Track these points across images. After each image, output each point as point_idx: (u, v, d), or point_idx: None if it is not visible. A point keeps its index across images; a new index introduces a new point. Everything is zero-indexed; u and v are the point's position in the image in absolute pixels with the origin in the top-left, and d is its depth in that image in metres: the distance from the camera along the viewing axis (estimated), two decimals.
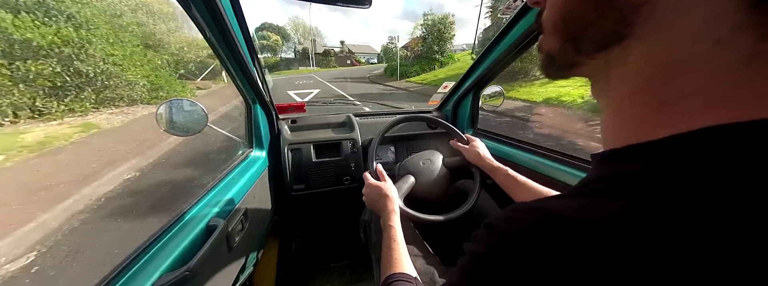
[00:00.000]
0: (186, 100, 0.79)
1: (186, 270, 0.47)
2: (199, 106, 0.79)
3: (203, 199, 0.67)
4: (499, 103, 1.22)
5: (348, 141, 1.15)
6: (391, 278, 0.48)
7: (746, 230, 0.13)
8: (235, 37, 0.65)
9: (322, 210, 1.29)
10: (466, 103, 1.31)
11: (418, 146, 1.34)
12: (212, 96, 8.78)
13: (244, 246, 0.80)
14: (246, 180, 0.82)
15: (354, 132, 1.18)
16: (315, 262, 1.38)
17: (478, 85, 1.20)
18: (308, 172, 1.10)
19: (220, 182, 0.77)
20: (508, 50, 0.93)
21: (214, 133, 0.88)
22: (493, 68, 1.07)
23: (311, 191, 1.11)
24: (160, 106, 0.76)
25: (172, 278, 0.45)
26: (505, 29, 0.88)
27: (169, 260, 0.48)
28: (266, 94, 0.98)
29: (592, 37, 0.21)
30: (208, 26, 0.60)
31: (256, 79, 0.86)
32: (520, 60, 8.33)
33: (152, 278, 0.45)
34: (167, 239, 0.53)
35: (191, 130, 0.79)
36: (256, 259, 0.96)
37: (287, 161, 1.07)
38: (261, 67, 0.90)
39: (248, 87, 0.89)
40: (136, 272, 0.45)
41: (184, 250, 0.52)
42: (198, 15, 0.56)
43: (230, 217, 0.69)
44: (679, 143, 0.17)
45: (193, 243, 0.54)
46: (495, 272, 0.19)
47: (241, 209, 0.75)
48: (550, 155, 0.90)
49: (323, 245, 1.43)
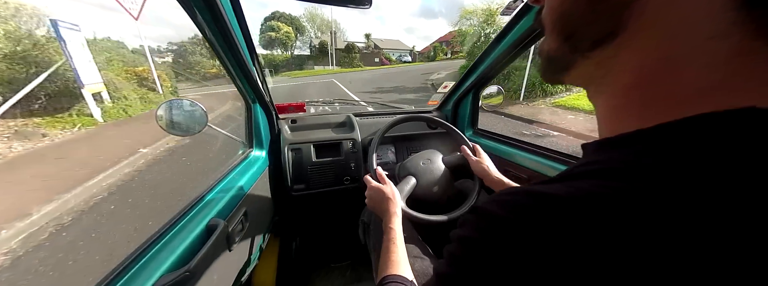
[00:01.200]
0: (186, 100, 0.79)
1: (186, 270, 0.46)
2: (199, 106, 0.80)
3: (203, 199, 0.67)
4: (499, 103, 1.22)
5: (348, 141, 1.15)
6: (386, 280, 0.48)
7: (716, 203, 0.14)
8: (235, 37, 0.65)
9: (322, 210, 1.29)
10: (466, 103, 1.31)
11: (418, 146, 1.33)
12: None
13: (244, 246, 0.80)
14: (246, 180, 0.82)
15: (354, 132, 1.18)
16: (315, 262, 1.38)
17: (478, 85, 1.20)
18: (308, 172, 1.10)
19: (220, 182, 0.77)
20: (508, 50, 0.93)
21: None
22: (493, 68, 1.07)
23: (311, 191, 1.11)
24: (160, 106, 0.76)
25: (173, 278, 0.45)
26: (505, 29, 0.88)
27: (169, 260, 0.48)
28: (266, 94, 0.98)
29: (587, 34, 0.21)
30: (208, 26, 0.60)
31: (256, 79, 0.86)
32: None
33: (152, 278, 0.44)
34: (167, 240, 0.53)
35: (191, 130, 0.80)
36: (256, 259, 0.96)
37: (287, 160, 1.07)
38: (261, 67, 0.90)
39: (248, 87, 0.88)
40: (136, 272, 0.45)
41: (184, 250, 0.52)
42: (198, 15, 0.56)
43: (230, 217, 0.69)
44: (665, 130, 0.18)
45: (193, 243, 0.54)
46: (485, 254, 0.19)
47: (241, 209, 0.75)
48: (550, 155, 0.90)
49: (323, 245, 1.43)
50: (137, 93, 6.27)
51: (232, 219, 0.69)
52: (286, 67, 30.41)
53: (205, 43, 0.66)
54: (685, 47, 0.17)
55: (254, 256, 0.90)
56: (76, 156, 3.59)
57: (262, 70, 0.91)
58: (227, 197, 0.71)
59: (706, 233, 0.14)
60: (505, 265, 0.18)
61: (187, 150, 4.07)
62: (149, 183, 3.11)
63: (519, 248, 0.18)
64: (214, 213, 0.63)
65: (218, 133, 0.93)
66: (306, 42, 37.92)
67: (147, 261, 0.47)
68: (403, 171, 0.93)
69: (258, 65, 0.86)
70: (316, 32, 38.02)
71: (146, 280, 0.44)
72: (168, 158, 3.82)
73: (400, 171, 0.97)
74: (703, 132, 0.16)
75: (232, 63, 0.74)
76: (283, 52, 34.57)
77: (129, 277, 0.44)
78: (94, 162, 3.29)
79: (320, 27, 38.31)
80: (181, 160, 3.80)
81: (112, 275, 0.44)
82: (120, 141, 4.12)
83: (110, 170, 3.14)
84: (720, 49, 0.16)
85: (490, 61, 1.03)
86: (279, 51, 34.46)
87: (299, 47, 37.71)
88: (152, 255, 0.49)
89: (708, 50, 0.16)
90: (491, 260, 0.19)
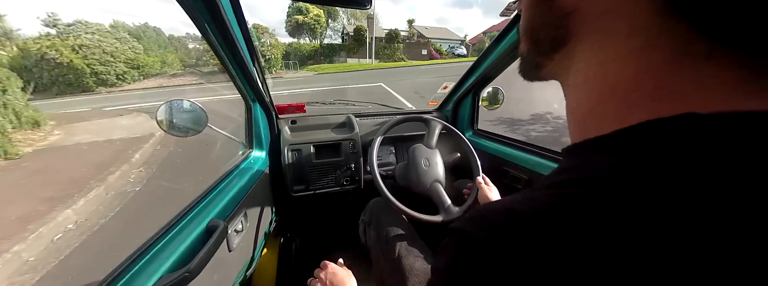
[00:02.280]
0: (186, 101, 0.79)
1: (186, 271, 0.46)
2: (198, 107, 0.80)
3: (203, 199, 0.67)
4: (499, 104, 1.22)
5: (348, 142, 1.15)
6: None
7: (665, 209, 0.14)
8: (235, 37, 0.65)
9: (322, 210, 1.29)
10: (466, 104, 1.31)
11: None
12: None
13: (244, 247, 0.80)
14: (246, 181, 0.82)
15: (354, 132, 1.18)
16: (315, 262, 1.38)
17: (477, 85, 1.20)
18: (308, 172, 1.10)
19: (220, 182, 0.77)
20: (508, 50, 0.93)
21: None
22: (493, 68, 1.07)
23: (311, 191, 1.11)
24: (159, 107, 0.76)
25: (173, 278, 0.45)
26: (505, 30, 0.88)
27: (169, 260, 0.48)
28: (266, 94, 0.98)
29: (546, 40, 0.23)
30: (209, 26, 0.60)
31: (256, 79, 0.86)
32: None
33: (153, 279, 0.44)
34: (167, 240, 0.53)
35: (191, 131, 0.80)
36: (256, 259, 0.96)
37: (287, 161, 1.07)
38: (261, 67, 0.90)
39: (248, 87, 0.88)
40: (136, 273, 0.45)
41: (185, 251, 0.52)
42: (198, 15, 0.56)
43: (230, 217, 0.69)
44: (619, 137, 0.19)
45: (193, 244, 0.54)
46: (466, 282, 0.18)
47: (241, 209, 0.75)
48: (550, 155, 0.90)
49: (323, 245, 1.43)
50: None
51: (232, 220, 0.69)
52: (313, 59, 24.97)
53: (205, 43, 0.66)
54: (620, 53, 0.18)
55: (254, 256, 0.90)
56: None
57: (261, 70, 0.92)
58: (227, 197, 0.71)
59: (655, 241, 0.14)
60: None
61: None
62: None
63: (498, 274, 0.17)
64: (214, 214, 0.63)
65: (218, 133, 0.93)
66: (337, 30, 32.22)
67: (147, 261, 0.47)
68: (402, 171, 0.93)
69: (258, 65, 0.86)
70: (349, 17, 31.93)
71: (146, 280, 0.44)
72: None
73: (400, 171, 0.97)
74: (646, 141, 0.17)
75: (232, 63, 0.74)
76: (311, 41, 28.45)
77: (129, 277, 0.44)
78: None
79: (354, 12, 31.43)
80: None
81: (112, 275, 0.44)
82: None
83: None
84: (653, 54, 0.17)
85: (490, 61, 1.03)
86: (306, 39, 28.77)
87: (329, 36, 31.53)
88: (152, 255, 0.49)
89: (640, 57, 0.17)
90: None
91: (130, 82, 16.40)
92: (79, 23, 17.02)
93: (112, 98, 11.78)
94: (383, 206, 0.93)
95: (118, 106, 8.54)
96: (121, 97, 11.75)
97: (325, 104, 1.62)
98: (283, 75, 17.76)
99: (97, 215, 2.62)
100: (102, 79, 15.11)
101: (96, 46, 15.36)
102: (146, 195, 3.04)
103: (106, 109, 8.05)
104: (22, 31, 17.77)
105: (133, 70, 16.78)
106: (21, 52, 13.56)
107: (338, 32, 31.63)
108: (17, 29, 16.43)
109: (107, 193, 2.96)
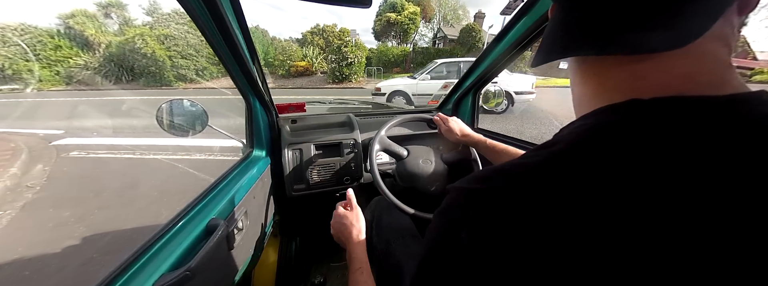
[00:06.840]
0: (186, 100, 0.79)
1: (186, 270, 0.46)
2: (199, 106, 0.80)
3: (203, 199, 0.67)
4: (500, 103, 1.22)
5: (348, 141, 1.15)
6: None
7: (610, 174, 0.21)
8: (235, 37, 0.65)
9: (323, 210, 1.29)
10: (466, 103, 1.31)
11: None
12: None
13: (245, 246, 0.80)
14: (246, 180, 0.82)
15: (354, 132, 1.18)
16: (315, 262, 1.38)
17: (478, 84, 1.20)
18: (308, 172, 1.10)
19: (220, 181, 0.77)
20: (508, 49, 0.93)
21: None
22: (494, 68, 1.07)
23: (312, 190, 1.11)
24: (160, 106, 0.76)
25: (173, 278, 0.45)
26: (505, 28, 0.88)
27: (169, 260, 0.48)
28: (266, 93, 0.98)
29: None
30: (208, 26, 0.60)
31: (256, 79, 0.86)
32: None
33: (152, 278, 0.44)
34: (167, 239, 0.53)
35: (192, 131, 0.80)
36: (256, 259, 0.96)
37: (287, 160, 1.07)
38: (260, 67, 0.90)
39: (248, 87, 0.88)
40: (136, 272, 0.45)
41: (185, 250, 0.52)
42: (198, 14, 0.56)
43: (230, 217, 0.69)
44: (593, 114, 0.27)
45: (194, 243, 0.54)
46: (466, 245, 0.23)
47: (241, 208, 0.75)
48: None
49: (323, 245, 1.43)
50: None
51: (232, 219, 0.69)
52: (400, 66, 19.34)
53: (206, 42, 0.66)
54: (581, 68, 0.30)
55: (254, 256, 0.90)
56: None
57: (261, 70, 0.91)
58: (227, 196, 0.71)
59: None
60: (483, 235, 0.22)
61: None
62: None
63: (495, 213, 0.23)
64: (215, 213, 0.63)
65: (218, 133, 0.93)
66: (431, 29, 25.65)
67: (147, 261, 0.47)
68: (402, 171, 0.93)
69: (258, 65, 0.86)
70: (445, 15, 25.70)
71: (146, 280, 0.44)
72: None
73: (399, 171, 0.97)
74: (603, 119, 0.25)
75: (232, 63, 0.74)
76: (400, 44, 22.32)
77: (129, 276, 0.44)
78: None
79: (445, 14, 25.26)
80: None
81: (112, 274, 0.44)
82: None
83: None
84: (585, 65, 0.30)
85: (491, 60, 1.02)
86: (394, 42, 22.61)
87: (421, 38, 24.86)
88: (152, 255, 0.49)
89: (587, 75, 0.30)
90: (470, 248, 0.23)
91: (207, 79, 15.45)
92: (175, 13, 15.80)
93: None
94: (385, 205, 0.93)
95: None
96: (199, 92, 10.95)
97: (325, 104, 1.62)
98: (364, 85, 14.10)
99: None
100: (181, 75, 14.35)
101: (181, 38, 14.38)
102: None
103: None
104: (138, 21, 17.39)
105: (213, 66, 15.52)
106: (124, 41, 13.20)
107: (424, 36, 25.85)
108: (135, 19, 16.82)
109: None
